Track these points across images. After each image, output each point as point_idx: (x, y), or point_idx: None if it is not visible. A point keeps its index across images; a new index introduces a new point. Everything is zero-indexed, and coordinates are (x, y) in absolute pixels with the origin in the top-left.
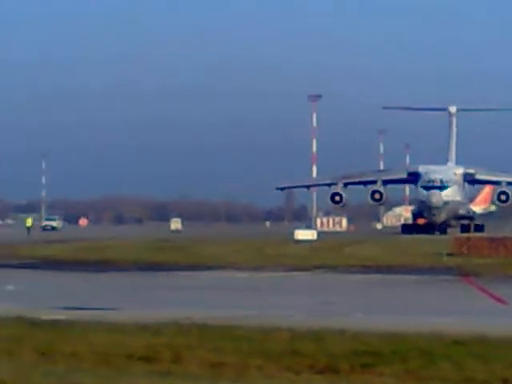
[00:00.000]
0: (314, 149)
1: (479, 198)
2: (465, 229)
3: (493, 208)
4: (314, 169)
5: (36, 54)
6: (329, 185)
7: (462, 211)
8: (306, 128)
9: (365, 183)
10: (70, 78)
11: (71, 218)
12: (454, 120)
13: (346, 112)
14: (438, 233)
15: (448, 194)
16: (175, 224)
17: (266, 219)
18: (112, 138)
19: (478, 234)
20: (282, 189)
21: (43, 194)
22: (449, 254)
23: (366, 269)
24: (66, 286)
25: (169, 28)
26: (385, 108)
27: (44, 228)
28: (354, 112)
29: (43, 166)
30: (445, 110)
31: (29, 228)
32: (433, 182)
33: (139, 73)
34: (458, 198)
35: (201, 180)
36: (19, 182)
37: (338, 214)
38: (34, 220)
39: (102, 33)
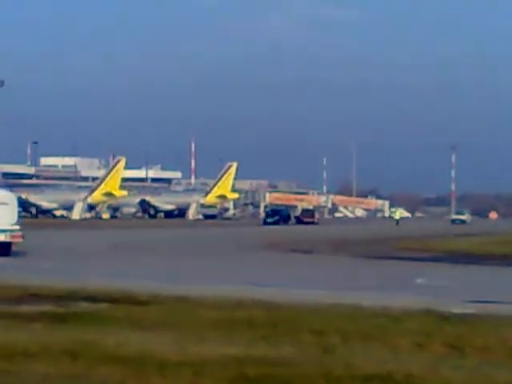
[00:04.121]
0: None
1: None
2: None
3: None
4: None
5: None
6: None
7: None
8: None
9: None
10: None
11: (481, 212)
12: None
13: None
14: None
15: None
16: None
17: None
18: None
19: None
20: None
21: (452, 187)
22: None
23: None
24: (474, 280)
25: None
26: None
27: (453, 221)
28: None
29: (452, 159)
30: None
31: (397, 220)
32: None
33: None
34: None
35: None
36: (429, 176)
37: None
38: (401, 213)
39: None
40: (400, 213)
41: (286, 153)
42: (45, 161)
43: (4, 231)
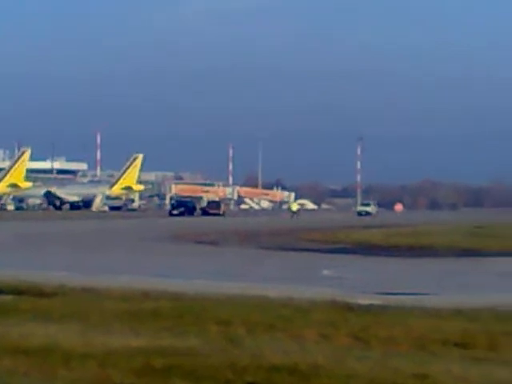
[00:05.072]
0: None
1: None
2: None
3: None
4: None
5: None
6: None
7: None
8: None
9: None
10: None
11: (386, 204)
12: None
13: None
14: None
15: None
16: None
17: None
18: (430, 126)
19: None
20: None
21: (358, 178)
22: None
23: None
24: (379, 271)
25: None
26: None
27: (359, 213)
28: None
29: (358, 150)
30: None
31: (293, 212)
32: None
33: None
34: None
35: None
36: (334, 167)
37: None
38: (298, 205)
39: None
40: (297, 205)
41: (192, 144)
42: None
43: None
